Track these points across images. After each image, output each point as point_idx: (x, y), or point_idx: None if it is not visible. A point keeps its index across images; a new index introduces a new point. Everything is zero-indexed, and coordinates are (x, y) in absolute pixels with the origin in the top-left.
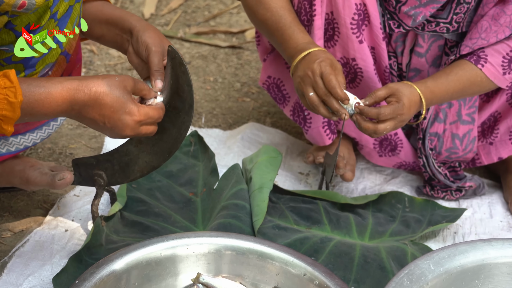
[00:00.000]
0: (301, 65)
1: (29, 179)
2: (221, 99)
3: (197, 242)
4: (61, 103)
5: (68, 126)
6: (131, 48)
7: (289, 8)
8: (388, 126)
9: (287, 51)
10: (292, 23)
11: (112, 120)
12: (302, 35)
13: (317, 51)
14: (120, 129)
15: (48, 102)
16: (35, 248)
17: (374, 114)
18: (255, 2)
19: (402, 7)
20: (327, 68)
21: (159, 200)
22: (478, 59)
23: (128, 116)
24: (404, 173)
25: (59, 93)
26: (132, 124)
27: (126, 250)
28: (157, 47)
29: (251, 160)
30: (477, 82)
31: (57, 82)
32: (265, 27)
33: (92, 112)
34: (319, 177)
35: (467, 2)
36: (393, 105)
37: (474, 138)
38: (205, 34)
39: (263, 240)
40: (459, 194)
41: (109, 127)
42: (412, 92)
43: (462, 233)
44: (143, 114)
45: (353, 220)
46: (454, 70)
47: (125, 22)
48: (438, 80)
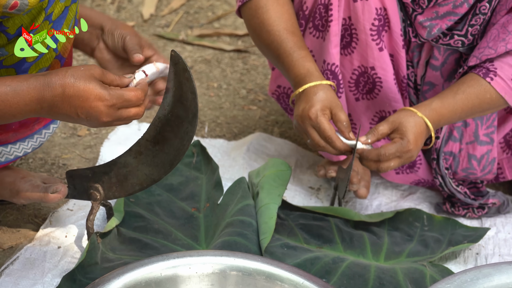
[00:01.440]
0: (297, 104)
1: (19, 191)
2: (226, 107)
3: (200, 262)
4: (29, 102)
5: (61, 135)
6: (102, 44)
7: (292, 30)
8: (392, 163)
9: (289, 81)
10: (292, 49)
11: (84, 110)
12: (301, 63)
13: (311, 88)
14: (96, 118)
15: (16, 102)
16: (25, 266)
17: (375, 156)
18: (258, 24)
19: (418, 16)
20: (319, 119)
21: (159, 216)
22: (487, 72)
23: (99, 101)
24: (422, 189)
25: (25, 92)
26: (105, 110)
27: (124, 269)
28: (133, 36)
29: (258, 174)
30: (486, 100)
31: (23, 80)
32: (269, 52)
33: (62, 107)
34: (331, 192)
35: (483, 13)
36: (396, 144)
37: (493, 159)
38: (208, 37)
39: (271, 260)
40: (482, 212)
41: (84, 118)
42: (416, 122)
43: (485, 255)
44: (116, 97)
45: (367, 239)
46: (462, 88)
47: (95, 19)
48: (445, 100)
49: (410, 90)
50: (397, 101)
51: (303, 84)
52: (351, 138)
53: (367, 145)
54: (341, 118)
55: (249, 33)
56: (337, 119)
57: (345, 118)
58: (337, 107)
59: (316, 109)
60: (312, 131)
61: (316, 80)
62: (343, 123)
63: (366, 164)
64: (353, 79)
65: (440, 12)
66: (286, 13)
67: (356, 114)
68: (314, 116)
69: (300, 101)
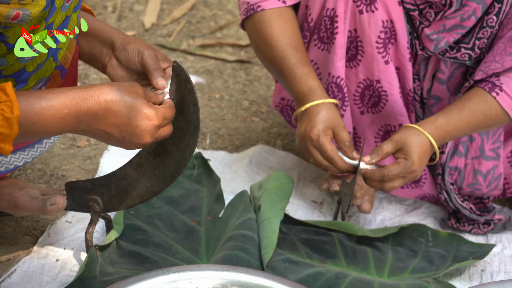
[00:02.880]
0: (299, 122)
1: (18, 203)
2: (228, 119)
3: (201, 276)
4: (66, 115)
5: (60, 146)
6: (114, 61)
7: (296, 46)
8: (397, 183)
9: (292, 97)
10: (295, 65)
11: (129, 128)
12: (304, 80)
13: (313, 107)
14: (139, 137)
15: (51, 115)
16: (23, 279)
17: (378, 177)
18: (261, 39)
19: (425, 29)
20: (321, 140)
21: (159, 229)
22: (493, 86)
23: (147, 121)
24: (427, 204)
25: (62, 104)
26: (151, 129)
27: (123, 283)
28: (150, 50)
29: (260, 187)
30: (492, 116)
31: (59, 92)
32: (272, 67)
33: (104, 122)
34: (334, 206)
35: (491, 26)
36: (400, 165)
37: (499, 175)
38: (210, 47)
39: (273, 275)
40: (488, 228)
41: (126, 137)
42: (421, 142)
43: (491, 271)
44: (161, 116)
45: (371, 255)
46: (467, 104)
47: (106, 32)
48: (450, 116)
49: (416, 104)
50: (402, 115)
51: (305, 102)
52: (354, 157)
53: (371, 165)
54: (344, 138)
55: (252, 48)
56: (340, 139)
57: (347, 138)
58: (340, 127)
59: (318, 130)
60: (315, 151)
61: (319, 98)
62: (345, 143)
63: (370, 184)
64: (358, 92)
65: (447, 25)
66: (290, 28)
67: (361, 127)
68: (316, 138)
69: (302, 120)
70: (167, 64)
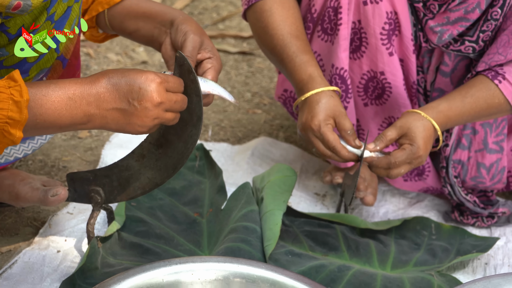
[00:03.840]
0: (300, 112)
1: (19, 194)
2: (230, 110)
3: (203, 268)
4: (72, 95)
5: (61, 137)
6: (168, 39)
7: (296, 35)
8: (403, 170)
9: (293, 85)
10: (295, 53)
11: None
12: (304, 68)
13: (313, 96)
14: (148, 98)
15: (58, 95)
16: (24, 270)
17: (385, 165)
18: (262, 28)
19: (429, 21)
20: (322, 129)
21: (160, 220)
22: (496, 74)
23: (148, 80)
24: (431, 197)
25: (67, 84)
26: (156, 87)
27: (125, 274)
28: (196, 35)
29: (263, 179)
30: (494, 105)
31: (64, 79)
32: (273, 56)
33: (110, 98)
34: (337, 199)
35: (495, 19)
36: (406, 151)
37: (503, 168)
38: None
39: (275, 267)
40: (491, 221)
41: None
42: (425, 126)
43: (494, 265)
44: (163, 76)
45: (374, 247)
46: (470, 92)
47: (167, 14)
48: (452, 102)
49: (420, 96)
50: (406, 106)
51: (305, 91)
52: (357, 145)
53: (376, 152)
54: (346, 127)
55: (254, 37)
56: (341, 128)
57: (349, 126)
58: (341, 115)
59: (318, 120)
60: (317, 141)
61: (319, 87)
62: (347, 132)
63: (376, 172)
64: (362, 84)
65: (451, 17)
66: (291, 17)
67: (365, 119)
68: (317, 128)
69: (302, 110)
70: (209, 55)
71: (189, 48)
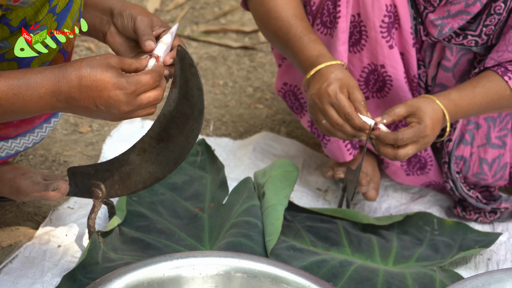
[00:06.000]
0: (311, 84)
1: (20, 188)
2: (232, 105)
3: (204, 263)
4: (43, 94)
5: (62, 131)
6: (113, 28)
7: (301, 17)
8: (410, 150)
9: (300, 65)
10: (302, 33)
11: (102, 100)
12: (313, 46)
13: (326, 67)
14: (116, 107)
15: (29, 95)
16: (24, 264)
17: (392, 140)
18: (265, 13)
19: (429, 14)
20: (339, 95)
21: (162, 215)
22: (506, 70)
23: (118, 90)
24: (433, 192)
25: (39, 84)
26: (125, 98)
27: (126, 269)
28: (143, 16)
29: (264, 174)
30: (506, 96)
31: (36, 72)
32: (277, 39)
33: (80, 98)
34: (339, 194)
35: (499, 13)
36: (414, 128)
37: (505, 164)
38: (214, 33)
39: (277, 262)
40: (494, 216)
41: (103, 109)
42: (434, 109)
43: (497, 260)
44: (134, 83)
45: (376, 243)
46: (482, 82)
47: (105, 2)
48: (463, 92)
49: (421, 90)
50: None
51: (316, 65)
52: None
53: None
54: (358, 98)
55: (256, 23)
56: (354, 98)
57: (362, 98)
58: (354, 86)
59: (335, 87)
60: (330, 109)
61: (330, 61)
62: (361, 103)
63: (383, 152)
64: (362, 77)
65: (452, 10)
66: (293, 1)
67: None
68: (334, 93)
69: (315, 81)
70: (161, 29)
71: (142, 28)
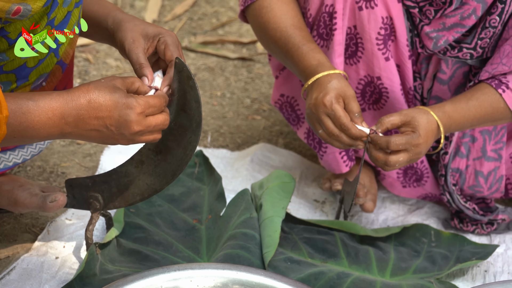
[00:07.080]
0: (310, 93)
1: (17, 200)
2: (229, 117)
3: (201, 275)
4: (52, 115)
5: (60, 143)
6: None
7: (299, 26)
8: (401, 158)
9: (300, 74)
10: (301, 42)
11: (113, 121)
12: (312, 55)
13: (324, 77)
14: (126, 127)
15: (37, 115)
16: (22, 276)
17: (384, 143)
18: (263, 23)
19: (425, 27)
20: (334, 106)
21: (159, 227)
22: (500, 83)
23: (128, 109)
24: (430, 204)
25: (48, 105)
26: (135, 117)
27: (123, 281)
28: (136, 40)
29: (262, 186)
30: (499, 109)
31: (46, 94)
32: (276, 49)
33: (89, 120)
34: (337, 205)
35: (493, 27)
36: (407, 136)
37: (501, 177)
38: (212, 44)
39: (274, 274)
40: (491, 228)
41: (114, 130)
42: (429, 120)
43: (494, 272)
44: (143, 104)
45: (373, 254)
46: (476, 95)
47: (102, 23)
48: (458, 104)
49: (417, 102)
50: None
51: (315, 74)
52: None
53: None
54: (354, 109)
55: (255, 34)
56: (350, 109)
57: (357, 109)
58: (350, 96)
59: (331, 97)
60: (326, 119)
61: (329, 70)
62: (355, 114)
63: (375, 156)
64: (359, 89)
65: (447, 23)
66: (292, 11)
67: None
68: (329, 104)
69: (313, 90)
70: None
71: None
